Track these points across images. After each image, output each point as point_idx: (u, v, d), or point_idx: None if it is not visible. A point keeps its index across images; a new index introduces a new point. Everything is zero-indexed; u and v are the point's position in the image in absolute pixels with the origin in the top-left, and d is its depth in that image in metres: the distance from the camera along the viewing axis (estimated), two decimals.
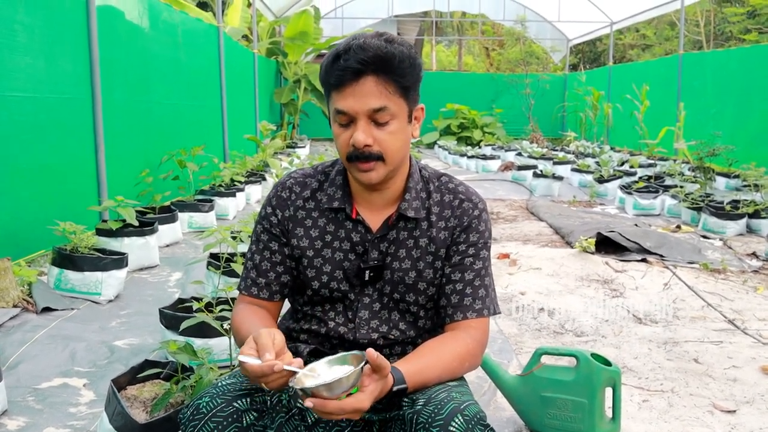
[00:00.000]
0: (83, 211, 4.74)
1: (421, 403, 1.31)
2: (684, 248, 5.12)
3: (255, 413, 1.37)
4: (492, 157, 12.36)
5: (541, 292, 4.14)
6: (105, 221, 4.55)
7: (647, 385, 2.78)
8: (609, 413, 2.29)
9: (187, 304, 2.97)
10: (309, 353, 1.56)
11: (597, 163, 10.67)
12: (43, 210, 4.46)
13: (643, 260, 4.78)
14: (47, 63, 4.58)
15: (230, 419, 1.33)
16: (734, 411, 2.55)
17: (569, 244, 5.42)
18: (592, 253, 4.91)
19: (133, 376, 2.27)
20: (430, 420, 1.27)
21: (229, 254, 3.62)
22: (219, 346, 2.74)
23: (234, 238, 3.72)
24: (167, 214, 5.38)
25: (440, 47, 35.14)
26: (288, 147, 13.72)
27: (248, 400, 1.37)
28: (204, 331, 2.72)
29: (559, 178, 9.18)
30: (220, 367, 2.41)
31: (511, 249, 5.24)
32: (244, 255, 2.24)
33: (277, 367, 1.22)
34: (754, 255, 5.17)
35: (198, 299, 2.71)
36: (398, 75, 1.43)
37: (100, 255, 3.90)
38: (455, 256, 1.56)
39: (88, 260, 3.80)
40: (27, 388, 2.65)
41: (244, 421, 1.34)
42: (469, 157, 12.64)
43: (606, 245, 5.06)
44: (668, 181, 8.52)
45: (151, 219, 4.87)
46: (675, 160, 10.41)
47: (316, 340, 1.58)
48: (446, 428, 1.25)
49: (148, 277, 4.43)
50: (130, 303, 3.85)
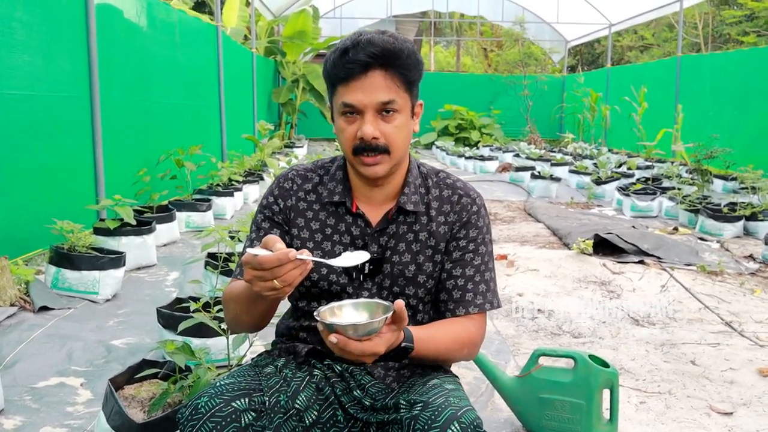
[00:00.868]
0: (81, 210, 4.73)
1: (418, 407, 1.32)
2: (681, 250, 5.13)
3: (253, 413, 1.36)
4: (490, 158, 12.38)
5: (539, 294, 4.14)
6: (102, 220, 4.55)
7: (644, 387, 2.79)
8: (606, 415, 2.30)
9: (184, 304, 2.97)
10: (307, 353, 1.56)
11: (595, 164, 10.69)
12: (41, 209, 4.45)
13: (641, 262, 4.78)
14: (45, 61, 4.57)
15: (228, 419, 1.33)
16: (731, 413, 2.55)
17: (567, 246, 5.42)
18: (590, 255, 4.92)
19: (131, 375, 2.26)
20: (426, 426, 1.27)
21: (226, 254, 3.61)
22: (217, 345, 2.74)
23: (232, 237, 3.72)
24: (165, 213, 5.37)
25: (438, 48, 35.16)
26: (286, 147, 13.72)
27: (246, 400, 1.37)
28: (202, 330, 2.72)
29: (557, 180, 9.19)
30: (218, 367, 2.41)
31: (508, 250, 5.25)
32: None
33: (292, 254, 1.22)
34: (751, 257, 5.18)
35: (196, 299, 2.71)
36: (405, 69, 1.46)
37: (98, 254, 3.89)
38: (455, 251, 1.57)
39: (86, 259, 3.80)
40: (24, 387, 2.64)
41: (243, 422, 1.34)
42: (467, 158, 12.64)
43: (603, 247, 5.07)
44: (666, 183, 8.53)
45: (149, 218, 4.86)
46: (673, 162, 10.44)
47: (316, 338, 1.58)
48: None
49: (145, 276, 4.42)
50: (127, 302, 3.84)
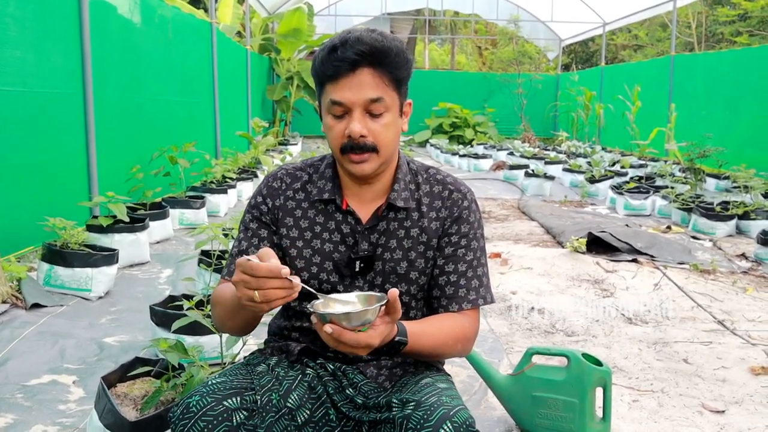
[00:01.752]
0: (73, 207, 4.71)
1: (411, 406, 1.32)
2: (674, 249, 5.15)
3: (245, 413, 1.36)
4: (484, 156, 12.38)
5: (533, 292, 4.15)
6: (95, 217, 4.53)
7: (637, 385, 2.80)
8: (599, 413, 2.30)
9: (178, 302, 2.96)
10: (300, 351, 1.55)
11: (588, 163, 10.71)
12: (33, 205, 4.43)
13: (634, 260, 4.80)
14: (38, 57, 4.54)
15: (220, 418, 1.32)
16: (723, 411, 2.56)
17: (560, 244, 5.43)
18: (583, 253, 4.93)
19: (124, 373, 2.25)
20: (419, 425, 1.27)
21: (220, 251, 3.61)
22: (210, 343, 2.73)
23: (225, 235, 3.71)
24: (158, 210, 5.35)
25: (433, 46, 35.14)
26: (280, 144, 13.68)
27: (238, 399, 1.36)
28: (195, 328, 2.71)
29: (551, 178, 9.21)
30: (211, 365, 2.40)
31: (502, 248, 5.25)
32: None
33: (284, 271, 1.20)
34: (743, 256, 5.20)
35: (189, 297, 2.70)
36: (393, 67, 1.45)
37: (91, 251, 3.87)
38: (447, 247, 1.57)
39: (78, 256, 3.78)
40: (15, 384, 2.63)
41: (234, 421, 1.34)
42: (461, 156, 12.65)
43: (597, 245, 5.08)
44: (659, 182, 8.56)
45: (142, 215, 4.85)
46: (666, 161, 10.47)
47: (308, 338, 1.58)
48: None
49: (138, 273, 4.41)
50: (120, 300, 3.83)
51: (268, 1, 15.59)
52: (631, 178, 8.81)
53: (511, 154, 12.78)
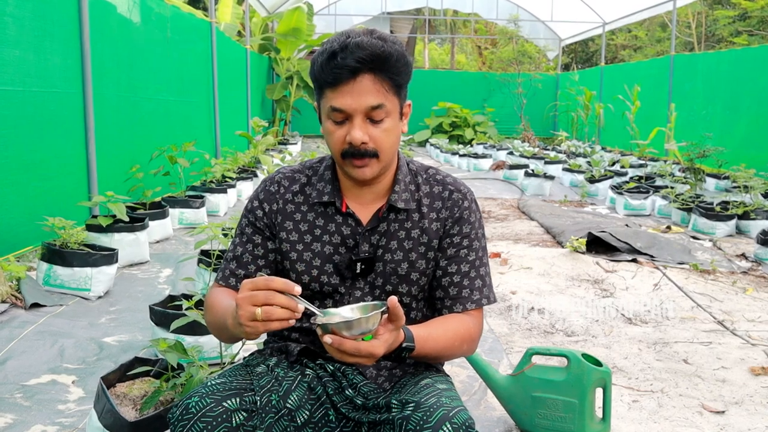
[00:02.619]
0: (73, 207, 4.71)
1: (410, 407, 1.31)
2: (674, 249, 5.14)
3: (245, 413, 1.36)
4: (484, 156, 12.38)
5: (532, 292, 4.15)
6: (95, 217, 4.52)
7: (637, 386, 2.79)
8: (599, 413, 2.30)
9: (177, 302, 2.96)
10: (299, 352, 1.55)
11: (588, 162, 10.71)
12: (33, 205, 4.43)
13: (634, 260, 4.80)
14: (37, 56, 4.54)
15: (220, 419, 1.32)
16: (723, 412, 2.56)
17: (560, 244, 5.43)
18: (583, 253, 4.93)
19: (123, 373, 2.25)
20: (418, 426, 1.27)
21: (220, 251, 3.60)
22: (209, 343, 2.73)
23: (225, 234, 3.71)
24: (158, 210, 5.35)
25: (433, 45, 35.13)
26: (280, 143, 13.67)
27: (238, 400, 1.36)
28: (194, 328, 2.71)
29: (551, 178, 9.21)
30: (210, 365, 2.40)
31: (502, 248, 5.25)
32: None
33: (297, 289, 1.23)
34: (743, 256, 5.20)
35: (188, 296, 2.70)
36: (393, 73, 1.44)
37: (90, 251, 3.87)
38: (450, 248, 1.57)
39: (78, 256, 3.78)
40: (15, 384, 2.63)
41: (234, 422, 1.33)
42: (460, 156, 12.65)
43: (597, 245, 5.08)
44: (659, 182, 8.56)
45: (142, 215, 4.85)
46: (666, 161, 10.47)
47: (308, 338, 1.58)
48: None
49: (138, 273, 4.41)
50: (119, 299, 3.82)
51: (268, 1, 15.58)
52: (631, 178, 8.81)
53: (511, 153, 12.78)
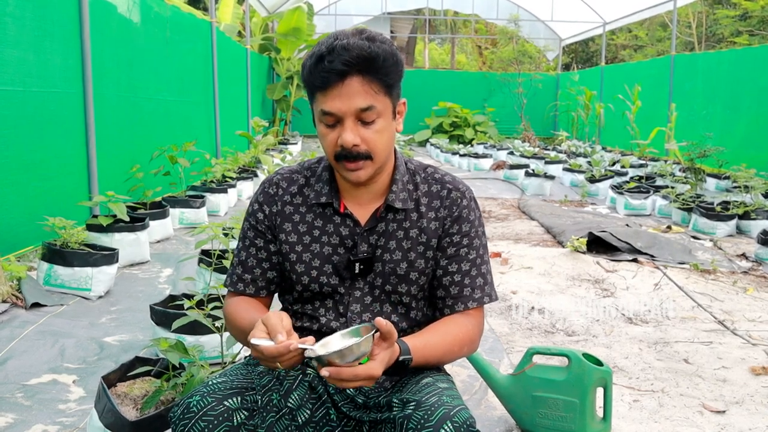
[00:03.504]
0: (73, 207, 4.71)
1: (411, 406, 1.31)
2: (674, 249, 5.14)
3: (245, 412, 1.36)
4: (484, 156, 12.38)
5: (533, 292, 4.14)
6: (95, 216, 4.52)
7: (638, 385, 2.79)
8: (600, 413, 2.30)
9: (178, 302, 2.96)
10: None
11: (588, 162, 10.71)
12: (33, 205, 4.43)
13: (634, 260, 4.79)
14: (37, 56, 4.54)
15: (221, 418, 1.32)
16: (724, 411, 2.56)
17: (561, 244, 5.43)
18: (584, 253, 4.93)
19: (124, 373, 2.25)
20: (419, 425, 1.27)
21: (220, 251, 3.60)
22: (210, 343, 2.73)
23: (225, 234, 3.71)
24: (158, 209, 5.35)
25: (433, 45, 35.12)
26: (280, 143, 13.67)
27: (239, 399, 1.36)
28: (195, 328, 2.71)
29: (551, 178, 9.21)
30: (211, 365, 2.40)
31: (502, 248, 5.25)
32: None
33: (293, 346, 1.25)
34: (743, 256, 5.20)
35: (189, 296, 2.70)
36: (382, 74, 1.43)
37: (91, 250, 3.87)
38: (450, 247, 1.57)
39: (78, 255, 3.78)
40: (15, 384, 2.63)
41: (235, 421, 1.34)
42: (461, 156, 12.65)
43: (597, 245, 5.07)
44: (659, 182, 8.56)
45: (142, 215, 4.85)
46: (666, 161, 10.46)
47: None
48: None
49: (138, 273, 4.41)
50: (120, 299, 3.82)
51: (268, 1, 15.58)
52: (632, 178, 8.81)
53: (511, 153, 12.77)
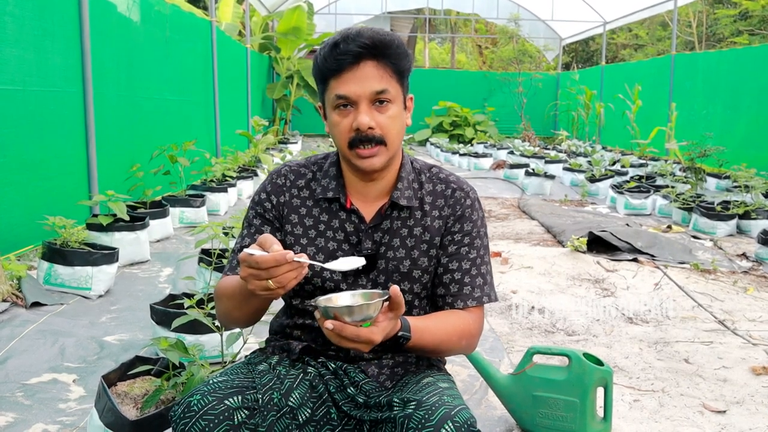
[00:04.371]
0: (73, 206, 4.71)
1: (412, 406, 1.31)
2: (675, 248, 5.14)
3: (246, 411, 1.36)
4: (484, 155, 12.38)
5: (533, 291, 4.14)
6: (95, 216, 4.52)
7: (638, 385, 2.79)
8: (600, 413, 2.30)
9: (178, 301, 2.96)
10: (301, 350, 1.55)
11: (589, 162, 10.71)
12: (33, 204, 4.43)
13: (635, 260, 4.79)
14: (37, 56, 4.54)
15: (221, 417, 1.32)
16: (724, 411, 2.56)
17: (561, 243, 5.43)
18: (584, 253, 4.93)
19: (124, 372, 2.25)
20: (420, 425, 1.27)
21: (220, 250, 3.60)
22: (210, 342, 2.73)
23: (225, 233, 3.71)
24: (158, 209, 5.35)
25: (433, 45, 35.12)
26: (280, 143, 13.68)
27: (239, 398, 1.36)
28: (195, 327, 2.71)
29: (551, 177, 9.21)
30: (211, 364, 2.40)
31: (502, 247, 5.25)
32: None
33: (290, 256, 1.21)
34: (744, 256, 5.20)
35: (189, 295, 2.70)
36: (395, 59, 1.47)
37: (91, 250, 3.87)
38: (451, 246, 1.57)
39: (79, 255, 3.77)
40: (16, 383, 2.63)
41: (236, 420, 1.33)
42: (461, 155, 12.65)
43: (597, 244, 5.07)
44: (659, 181, 8.55)
45: (142, 214, 4.84)
46: (666, 161, 10.46)
47: (309, 336, 1.58)
48: None
49: (138, 272, 4.41)
50: (120, 298, 3.82)
51: (268, 0, 15.58)
52: (632, 178, 8.81)
53: (512, 153, 12.77)
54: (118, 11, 5.91)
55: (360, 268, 1.54)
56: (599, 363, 2.24)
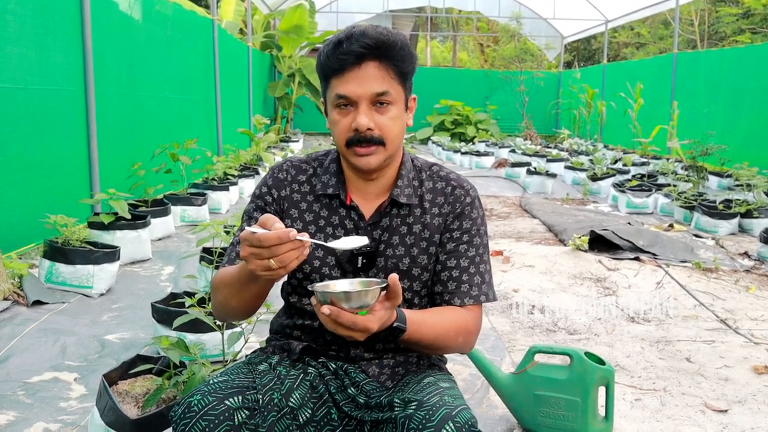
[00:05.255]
0: (75, 204, 4.71)
1: (413, 406, 1.31)
2: (676, 247, 5.13)
3: (247, 411, 1.35)
4: (486, 154, 12.37)
5: (534, 290, 4.14)
6: (97, 214, 4.52)
7: (640, 384, 2.79)
8: (602, 412, 2.30)
9: (179, 300, 2.95)
10: (302, 350, 1.55)
11: (590, 160, 10.69)
12: (35, 203, 4.43)
13: (636, 259, 4.79)
14: (39, 54, 4.53)
15: (222, 417, 1.32)
16: (726, 410, 2.55)
17: (562, 242, 5.42)
18: (585, 251, 4.92)
19: (125, 371, 2.25)
20: (421, 425, 1.26)
21: (221, 248, 3.60)
22: (211, 341, 2.73)
23: (227, 232, 3.70)
24: (160, 207, 5.35)
25: (435, 43, 35.08)
26: (281, 141, 13.67)
27: (240, 398, 1.36)
28: (196, 326, 2.71)
29: (553, 176, 9.20)
30: (212, 363, 2.39)
31: (504, 246, 5.24)
32: None
33: (293, 234, 1.19)
34: (746, 254, 5.19)
35: (191, 294, 2.69)
36: (398, 60, 1.46)
37: (92, 248, 3.87)
38: (449, 243, 1.57)
39: (80, 253, 3.77)
40: (17, 382, 2.63)
41: (236, 420, 1.33)
42: (462, 154, 12.64)
43: (599, 243, 5.07)
44: (661, 180, 8.54)
45: (144, 212, 4.84)
46: (668, 159, 10.44)
47: (310, 336, 1.58)
48: None
49: (140, 270, 4.41)
50: (121, 297, 3.82)
51: None
52: (633, 176, 8.80)
53: (513, 151, 12.76)
54: (119, 9, 5.91)
55: (357, 261, 1.54)
56: (601, 362, 2.24)
